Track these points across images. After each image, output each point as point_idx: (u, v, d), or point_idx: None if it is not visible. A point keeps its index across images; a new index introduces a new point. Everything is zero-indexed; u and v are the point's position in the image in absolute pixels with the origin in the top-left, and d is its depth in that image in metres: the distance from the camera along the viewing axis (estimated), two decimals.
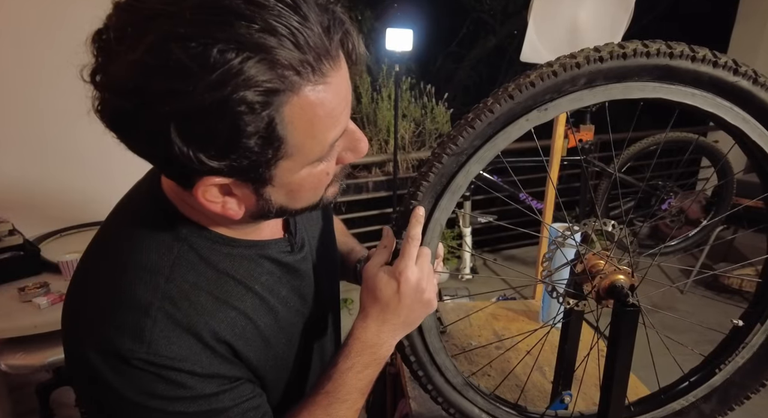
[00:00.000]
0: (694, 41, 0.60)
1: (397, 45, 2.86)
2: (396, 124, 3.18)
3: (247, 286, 0.61)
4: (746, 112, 0.63)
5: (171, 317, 0.52)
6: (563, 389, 0.87)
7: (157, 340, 0.51)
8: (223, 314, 0.57)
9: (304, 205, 0.57)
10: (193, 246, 0.57)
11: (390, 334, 0.64)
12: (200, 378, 0.53)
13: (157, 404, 0.51)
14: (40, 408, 1.88)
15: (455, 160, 0.62)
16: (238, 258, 0.61)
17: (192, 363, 0.52)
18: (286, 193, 0.54)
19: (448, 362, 0.74)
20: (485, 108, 0.60)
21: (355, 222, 3.78)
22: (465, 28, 6.88)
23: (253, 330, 0.61)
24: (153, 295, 0.52)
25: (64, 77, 2.68)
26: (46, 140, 2.26)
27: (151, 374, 0.50)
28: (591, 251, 0.74)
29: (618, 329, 0.66)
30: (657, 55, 0.58)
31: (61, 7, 2.15)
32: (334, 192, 0.61)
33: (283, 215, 0.58)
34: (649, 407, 0.82)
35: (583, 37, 1.69)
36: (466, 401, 0.78)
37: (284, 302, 0.66)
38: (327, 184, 0.57)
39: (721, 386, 0.78)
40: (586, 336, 1.01)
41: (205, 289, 0.56)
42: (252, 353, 0.60)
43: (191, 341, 0.53)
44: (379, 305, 0.63)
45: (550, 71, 0.58)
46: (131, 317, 0.51)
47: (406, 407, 1.05)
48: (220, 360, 0.56)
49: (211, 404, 0.54)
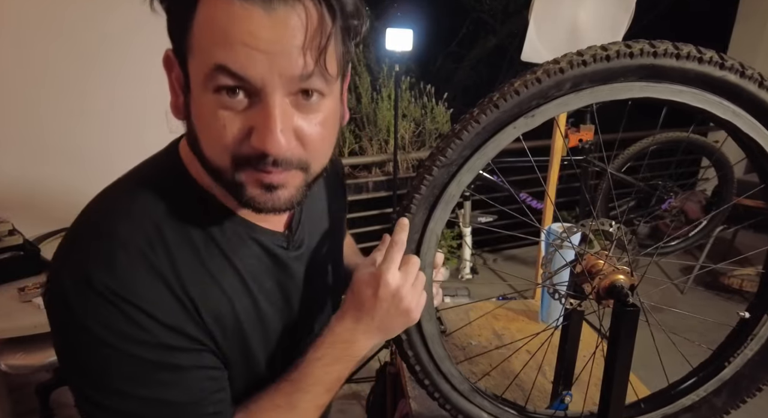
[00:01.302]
0: (694, 41, 0.60)
1: (397, 45, 2.86)
2: (396, 124, 3.18)
3: (231, 261, 0.59)
4: (736, 105, 0.63)
5: (146, 259, 0.52)
6: (564, 389, 0.87)
7: (126, 274, 0.50)
8: (200, 279, 0.56)
9: (211, 154, 0.51)
10: (190, 204, 0.57)
11: (363, 334, 0.62)
12: (161, 326, 0.52)
13: (116, 341, 0.50)
14: (40, 408, 1.88)
15: (446, 171, 0.62)
16: (230, 231, 0.60)
17: (155, 307, 0.51)
18: (196, 114, 0.51)
19: (453, 370, 0.74)
20: (471, 119, 0.60)
21: (355, 222, 3.78)
22: (465, 28, 6.88)
23: (228, 308, 0.59)
24: (135, 235, 0.52)
25: (64, 77, 2.69)
26: (47, 140, 2.26)
27: (113, 305, 0.49)
28: (590, 252, 0.74)
29: (618, 329, 0.66)
30: (641, 55, 0.58)
31: (61, 7, 2.15)
32: (268, 198, 0.52)
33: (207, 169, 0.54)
34: (660, 403, 0.81)
35: (584, 37, 1.69)
36: (474, 406, 0.78)
37: (267, 296, 0.64)
38: (228, 147, 0.49)
39: (731, 379, 0.78)
40: (586, 336, 1.01)
41: (189, 249, 0.55)
42: (220, 331, 0.58)
43: (160, 287, 0.52)
44: (355, 302, 0.62)
45: (534, 78, 0.58)
46: (108, 248, 0.51)
47: (406, 406, 1.05)
48: (186, 316, 0.54)
49: (169, 357, 0.52)
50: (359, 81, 3.83)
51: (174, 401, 0.54)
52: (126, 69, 2.30)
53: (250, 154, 0.49)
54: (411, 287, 0.62)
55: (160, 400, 0.53)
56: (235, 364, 0.62)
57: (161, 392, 0.53)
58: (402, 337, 0.70)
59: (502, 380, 1.10)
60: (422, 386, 0.75)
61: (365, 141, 3.89)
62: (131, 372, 0.51)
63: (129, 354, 0.51)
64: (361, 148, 3.92)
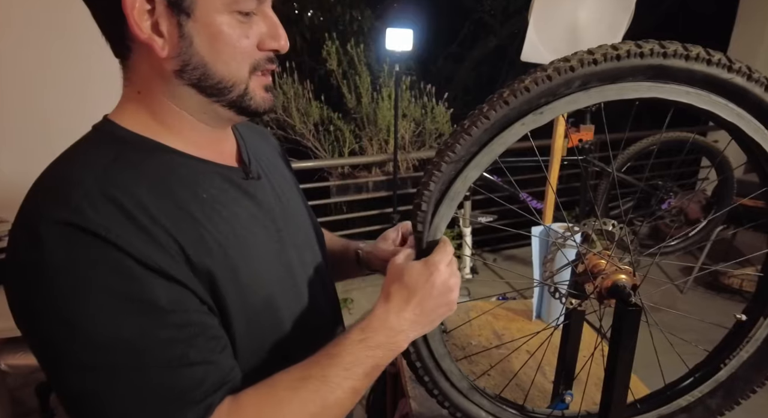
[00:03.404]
0: (694, 42, 0.60)
1: (397, 45, 2.86)
2: (396, 124, 3.18)
3: (196, 192, 0.58)
4: (741, 108, 0.63)
5: (103, 192, 0.50)
6: (564, 389, 0.87)
7: (84, 206, 0.49)
8: (167, 209, 0.54)
9: (228, 72, 0.58)
10: (136, 148, 0.57)
11: (410, 323, 0.62)
12: (130, 258, 0.49)
13: (84, 273, 0.47)
14: (40, 408, 1.88)
15: (453, 167, 0.62)
16: (187, 168, 0.59)
17: (120, 238, 0.49)
18: (207, 39, 0.55)
19: (453, 367, 0.74)
20: (481, 114, 0.60)
21: (355, 222, 3.79)
22: (465, 28, 6.89)
23: (204, 235, 0.56)
24: (88, 175, 0.52)
25: (65, 77, 2.68)
26: (47, 140, 2.26)
27: (76, 240, 0.48)
28: (592, 252, 0.74)
29: (620, 329, 0.66)
30: (651, 56, 0.58)
31: (64, 7, 2.14)
32: (268, 98, 0.63)
33: (208, 90, 0.58)
34: (656, 404, 0.82)
35: (583, 37, 1.69)
36: (473, 404, 0.78)
37: (242, 223, 0.62)
38: (248, 56, 0.59)
39: (726, 380, 0.78)
40: (586, 336, 1.01)
41: (146, 185, 0.54)
42: (207, 259, 0.55)
43: (121, 218, 0.50)
44: (407, 290, 0.62)
45: (545, 75, 0.58)
46: (63, 188, 0.51)
47: (406, 406, 1.05)
48: (156, 247, 0.51)
49: (144, 292, 0.49)
50: (359, 81, 3.84)
51: (153, 347, 0.50)
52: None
53: (261, 58, 0.60)
54: (455, 280, 0.64)
55: (131, 345, 0.49)
56: (232, 303, 0.58)
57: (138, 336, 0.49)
58: None
59: (502, 379, 1.10)
60: (422, 383, 0.75)
61: (365, 141, 3.90)
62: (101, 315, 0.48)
63: (105, 288, 0.48)
64: (361, 148, 3.92)
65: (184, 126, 0.61)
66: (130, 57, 0.57)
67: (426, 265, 0.62)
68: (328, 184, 3.69)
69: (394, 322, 0.61)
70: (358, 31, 5.25)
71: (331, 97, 4.04)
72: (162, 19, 0.53)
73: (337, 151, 3.85)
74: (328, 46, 3.85)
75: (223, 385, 0.54)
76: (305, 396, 0.56)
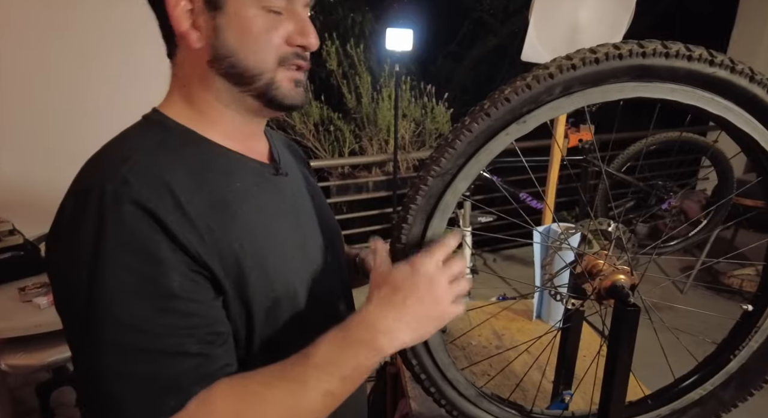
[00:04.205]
0: (694, 42, 0.60)
1: (397, 45, 2.86)
2: (396, 124, 3.18)
3: (230, 180, 0.62)
4: (728, 101, 0.63)
5: (148, 169, 0.55)
6: (564, 389, 0.87)
7: (129, 178, 0.53)
8: (201, 189, 0.58)
9: (254, 62, 0.61)
10: (179, 136, 0.62)
11: (394, 322, 0.58)
12: (161, 231, 0.52)
13: (113, 244, 0.50)
14: (40, 408, 1.88)
15: (441, 180, 0.62)
16: (222, 157, 0.63)
17: (159, 209, 0.52)
18: (236, 32, 0.59)
19: (459, 376, 0.74)
20: (463, 127, 0.60)
21: (355, 222, 3.78)
22: (465, 27, 6.89)
23: (237, 222, 0.59)
24: (135, 152, 0.56)
25: (66, 77, 2.69)
26: (47, 140, 2.26)
27: (116, 207, 0.51)
28: (589, 252, 0.74)
29: (619, 329, 0.66)
30: (630, 56, 0.57)
31: (64, 7, 2.15)
32: (296, 92, 0.65)
33: (236, 78, 0.61)
34: (667, 399, 0.81)
35: (584, 37, 1.69)
36: (482, 411, 0.78)
37: (272, 216, 0.65)
38: (275, 48, 0.61)
39: (737, 372, 0.78)
40: (585, 335, 1.01)
41: (185, 169, 0.58)
42: (236, 243, 0.58)
43: (162, 192, 0.54)
44: (389, 288, 0.60)
45: (524, 84, 0.58)
46: (112, 162, 0.55)
47: (406, 406, 1.05)
48: (189, 225, 0.54)
49: (161, 274, 0.52)
50: (359, 81, 3.84)
51: (156, 331, 0.52)
52: (128, 69, 2.30)
53: (289, 52, 0.62)
54: (447, 280, 0.61)
55: (135, 325, 0.51)
56: (255, 289, 0.60)
57: (146, 318, 0.51)
58: None
59: (503, 380, 1.10)
60: (428, 394, 0.75)
61: (365, 141, 3.90)
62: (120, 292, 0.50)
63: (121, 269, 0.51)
64: (361, 148, 3.92)
65: (221, 118, 0.64)
66: (176, 54, 0.63)
67: (409, 263, 0.61)
68: (328, 184, 3.70)
69: (375, 320, 0.58)
70: (359, 34, 5.26)
71: (332, 98, 4.04)
72: (199, 15, 0.59)
73: (337, 151, 3.85)
74: (328, 46, 3.85)
75: (211, 378, 0.55)
76: (278, 394, 0.55)
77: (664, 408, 0.81)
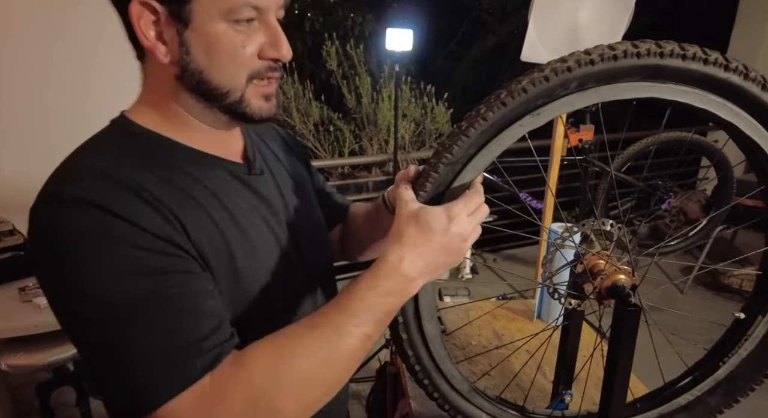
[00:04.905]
0: (694, 42, 0.60)
1: (397, 45, 2.85)
2: (396, 124, 3.18)
3: (200, 181, 0.61)
4: (739, 107, 0.64)
5: (113, 176, 0.54)
6: (564, 389, 0.87)
7: (94, 186, 0.53)
8: (171, 194, 0.57)
9: (223, 80, 0.59)
10: (147, 141, 0.61)
11: (420, 270, 0.58)
12: (135, 228, 0.52)
13: (93, 241, 0.51)
14: (41, 408, 1.88)
15: (451, 169, 0.62)
16: (193, 161, 0.62)
17: (127, 211, 0.52)
18: (204, 48, 0.57)
19: (453, 370, 0.74)
20: (478, 116, 0.60)
21: None
22: (465, 27, 6.89)
23: (204, 216, 0.59)
24: (100, 161, 0.56)
25: (66, 76, 2.68)
26: (47, 139, 2.26)
27: (88, 212, 0.51)
28: (591, 252, 0.74)
29: (620, 329, 0.66)
30: (648, 55, 0.58)
31: (68, 8, 2.15)
32: (266, 107, 0.63)
33: (205, 95, 0.60)
34: (655, 403, 0.82)
35: (583, 37, 1.69)
36: (474, 407, 0.78)
37: (244, 214, 0.64)
38: (246, 65, 0.60)
39: (725, 379, 0.78)
40: (585, 335, 1.01)
41: (152, 172, 0.57)
42: (205, 239, 0.58)
43: (129, 195, 0.54)
44: (422, 236, 0.58)
45: (542, 76, 0.58)
46: (78, 171, 0.55)
47: (406, 406, 1.05)
48: (162, 219, 0.54)
49: (148, 259, 0.52)
50: (359, 81, 3.84)
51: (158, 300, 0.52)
52: (128, 69, 2.29)
53: (261, 67, 0.61)
54: (477, 232, 0.62)
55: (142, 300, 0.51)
56: (223, 288, 0.60)
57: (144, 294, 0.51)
58: (403, 336, 0.70)
59: (502, 379, 1.10)
60: (421, 386, 0.75)
61: (365, 141, 3.90)
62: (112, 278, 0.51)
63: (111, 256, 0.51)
64: (361, 148, 3.92)
65: (189, 127, 0.64)
66: (145, 61, 0.62)
67: (446, 212, 0.59)
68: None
69: (406, 269, 0.58)
70: (359, 35, 5.25)
71: (332, 98, 4.04)
72: (165, 28, 0.57)
73: (337, 151, 3.85)
74: (328, 46, 3.85)
75: (229, 340, 0.55)
76: (313, 343, 0.54)
77: (652, 412, 0.81)
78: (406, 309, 0.69)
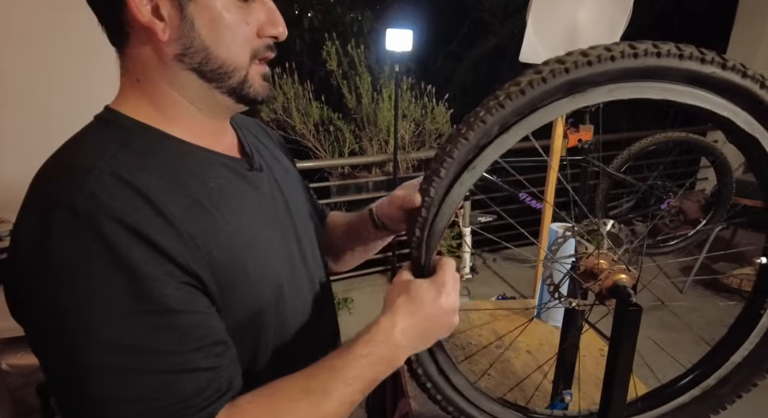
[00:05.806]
0: (693, 42, 0.61)
1: (397, 45, 2.86)
2: (396, 124, 3.18)
3: (203, 180, 0.58)
4: (736, 105, 0.64)
5: (117, 177, 0.50)
6: (564, 389, 0.88)
7: (98, 191, 0.48)
8: (176, 193, 0.54)
9: (230, 57, 0.57)
10: (142, 135, 0.56)
11: (411, 340, 0.61)
12: (147, 245, 0.48)
13: (96, 267, 0.46)
14: (41, 408, 1.88)
15: (452, 172, 0.62)
16: (194, 158, 0.59)
17: (140, 223, 0.48)
18: (209, 23, 0.55)
19: (460, 380, 0.75)
20: (477, 118, 0.60)
21: None
22: (465, 27, 6.89)
23: (214, 228, 0.56)
24: (98, 160, 0.51)
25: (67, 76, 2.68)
26: (50, 140, 2.25)
27: (91, 229, 0.46)
28: (591, 252, 0.74)
29: (620, 329, 0.67)
30: (645, 56, 0.58)
31: (70, 9, 2.14)
32: (264, 87, 0.62)
33: (208, 75, 0.57)
34: (656, 402, 0.82)
35: (582, 37, 1.69)
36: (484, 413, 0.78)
37: (252, 218, 0.62)
38: (249, 41, 0.59)
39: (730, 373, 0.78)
40: (585, 335, 1.01)
41: (155, 171, 0.53)
42: (214, 246, 0.55)
43: (139, 202, 0.49)
44: (413, 306, 0.61)
45: (540, 78, 0.58)
46: (74, 174, 0.49)
47: (406, 406, 1.05)
48: (174, 234, 0.50)
49: (155, 289, 0.48)
50: (359, 81, 3.84)
51: (158, 350, 0.49)
52: None
53: (260, 46, 0.60)
54: (456, 303, 0.64)
55: (136, 347, 0.48)
56: (237, 295, 0.58)
57: (145, 337, 0.48)
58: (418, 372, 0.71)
59: (502, 379, 1.10)
60: (435, 402, 0.75)
61: (365, 141, 3.90)
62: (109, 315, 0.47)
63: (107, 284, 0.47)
64: (361, 148, 3.92)
65: (183, 115, 0.60)
66: (128, 44, 0.56)
67: (434, 284, 0.62)
68: (328, 185, 3.70)
69: (398, 337, 0.60)
70: (358, 33, 5.25)
71: (332, 98, 4.04)
72: (162, 2, 0.53)
73: (337, 151, 3.85)
74: (328, 46, 3.85)
75: (226, 392, 0.54)
76: (306, 408, 0.55)
77: (663, 407, 0.81)
78: None
